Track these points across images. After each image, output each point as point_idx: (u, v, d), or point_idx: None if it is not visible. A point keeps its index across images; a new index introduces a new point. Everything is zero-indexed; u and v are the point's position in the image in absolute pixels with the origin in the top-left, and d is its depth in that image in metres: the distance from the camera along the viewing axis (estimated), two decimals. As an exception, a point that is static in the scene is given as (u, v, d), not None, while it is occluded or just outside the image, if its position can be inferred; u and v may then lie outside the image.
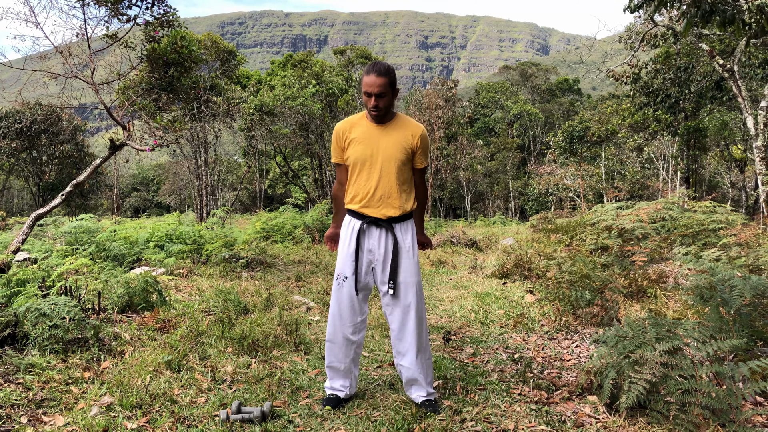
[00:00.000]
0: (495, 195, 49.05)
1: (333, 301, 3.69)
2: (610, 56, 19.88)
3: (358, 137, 3.60)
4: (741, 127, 25.37)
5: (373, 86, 3.43)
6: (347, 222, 3.70)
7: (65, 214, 29.46)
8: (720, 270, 4.70)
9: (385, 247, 3.61)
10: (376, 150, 3.57)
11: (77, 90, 9.83)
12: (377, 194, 3.58)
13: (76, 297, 5.43)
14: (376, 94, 3.45)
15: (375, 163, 3.57)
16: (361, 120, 3.65)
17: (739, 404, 3.03)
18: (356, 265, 3.60)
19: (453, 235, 14.87)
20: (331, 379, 3.78)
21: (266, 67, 58.20)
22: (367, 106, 3.53)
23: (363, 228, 3.61)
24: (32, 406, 3.41)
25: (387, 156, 3.57)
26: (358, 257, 3.61)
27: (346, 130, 3.64)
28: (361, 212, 3.62)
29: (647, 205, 10.12)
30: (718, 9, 5.71)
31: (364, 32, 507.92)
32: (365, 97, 3.50)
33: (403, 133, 3.61)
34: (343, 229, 3.72)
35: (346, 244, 3.65)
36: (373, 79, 3.43)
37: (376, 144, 3.58)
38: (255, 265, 9.78)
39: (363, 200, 3.60)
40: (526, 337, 5.49)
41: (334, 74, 33.81)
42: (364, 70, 3.53)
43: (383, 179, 3.58)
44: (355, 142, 3.60)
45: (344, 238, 3.68)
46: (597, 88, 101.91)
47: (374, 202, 3.59)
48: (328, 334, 3.75)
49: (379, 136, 3.59)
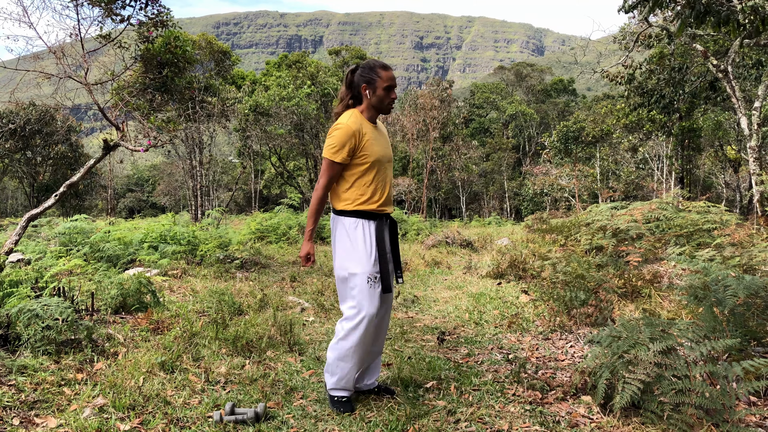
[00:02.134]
0: (490, 195, 49.12)
1: (369, 302, 3.50)
2: (605, 57, 19.92)
3: (371, 137, 3.55)
4: (735, 127, 25.44)
5: (393, 80, 3.54)
6: (354, 224, 3.55)
7: (60, 215, 29.40)
8: (714, 270, 4.71)
9: (391, 241, 3.72)
10: (387, 149, 3.67)
11: (71, 90, 9.78)
12: (389, 192, 3.68)
13: (69, 298, 5.40)
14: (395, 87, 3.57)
15: (389, 162, 3.67)
16: (363, 121, 3.58)
17: (733, 404, 3.03)
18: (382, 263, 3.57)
19: (448, 235, 14.87)
20: (358, 380, 3.79)
21: (261, 67, 58.18)
22: (384, 101, 3.55)
23: (382, 227, 3.60)
24: (24, 407, 3.39)
25: (390, 155, 3.70)
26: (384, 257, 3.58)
27: (361, 129, 3.52)
28: (377, 211, 3.59)
29: (642, 206, 10.15)
30: (712, 10, 5.72)
31: (360, 33, 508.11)
32: (383, 92, 3.53)
33: (386, 133, 3.80)
34: (351, 230, 3.56)
35: (366, 246, 3.52)
36: (393, 74, 3.56)
37: (384, 143, 3.66)
38: (249, 266, 9.76)
39: (381, 198, 3.60)
40: (520, 337, 5.49)
41: (329, 75, 33.83)
42: (377, 65, 3.56)
43: (389, 177, 3.68)
44: (370, 143, 3.53)
45: (362, 240, 3.53)
46: (592, 88, 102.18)
47: (388, 200, 3.67)
48: (363, 335, 3.54)
49: (380, 136, 3.66)
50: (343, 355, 3.58)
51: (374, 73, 3.52)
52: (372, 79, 3.53)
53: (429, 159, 35.54)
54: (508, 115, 55.44)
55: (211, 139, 28.55)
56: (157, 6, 9.98)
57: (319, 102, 31.87)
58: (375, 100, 3.55)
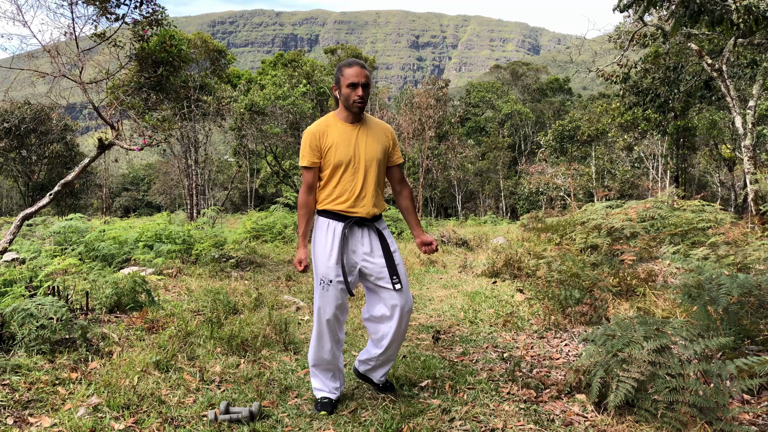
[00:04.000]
0: (486, 194, 49.13)
1: (318, 305, 3.59)
2: (600, 56, 19.94)
3: (336, 139, 3.56)
4: (730, 126, 25.51)
5: (360, 76, 3.47)
6: (324, 225, 3.61)
7: (55, 214, 29.31)
8: (708, 269, 4.72)
9: (371, 245, 3.61)
10: (358, 150, 3.58)
11: (66, 89, 9.76)
12: (362, 194, 3.58)
13: (63, 297, 5.39)
14: (363, 84, 3.49)
15: (358, 163, 3.57)
16: (335, 121, 3.61)
17: (727, 402, 3.04)
18: (342, 267, 3.55)
19: (444, 234, 14.88)
20: (323, 383, 3.72)
21: (257, 66, 58.08)
22: (349, 99, 3.51)
23: (345, 231, 3.57)
24: (18, 407, 3.38)
25: (369, 156, 3.60)
26: (343, 260, 3.56)
27: (323, 131, 3.57)
28: (346, 212, 3.58)
29: (637, 204, 10.17)
30: (706, 9, 5.73)
31: (356, 32, 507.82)
32: (348, 89, 3.49)
33: (379, 133, 3.68)
34: (319, 233, 3.62)
35: (327, 248, 3.57)
36: (359, 70, 3.48)
37: (355, 144, 3.58)
38: (245, 265, 9.75)
39: (349, 200, 3.57)
40: (515, 336, 5.49)
41: (324, 74, 33.79)
42: (342, 65, 3.54)
43: (367, 179, 3.59)
44: (334, 145, 3.55)
45: (324, 242, 3.58)
46: (587, 87, 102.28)
47: (360, 201, 3.58)
48: (315, 339, 3.66)
49: (357, 137, 3.59)
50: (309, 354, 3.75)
51: (339, 72, 3.54)
52: (338, 79, 3.55)
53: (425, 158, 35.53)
54: (504, 114, 55.46)
55: (206, 138, 28.48)
56: (152, 5, 9.97)
57: (315, 101, 31.82)
58: (342, 99, 3.55)
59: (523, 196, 41.29)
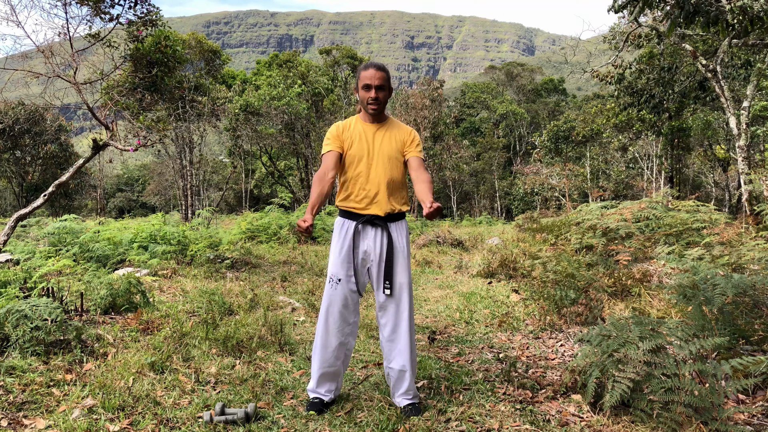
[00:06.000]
0: (481, 195, 49.23)
1: (325, 303, 3.61)
2: (595, 56, 20.00)
3: (354, 136, 3.66)
4: (724, 126, 25.61)
5: (373, 78, 3.53)
6: (340, 224, 3.67)
7: (49, 214, 29.20)
8: (703, 269, 4.73)
9: (381, 246, 3.62)
10: (372, 148, 3.63)
11: (60, 90, 9.72)
12: (375, 193, 3.61)
13: (58, 298, 5.37)
14: (376, 86, 3.54)
15: (372, 161, 3.62)
16: (357, 120, 3.73)
17: (722, 402, 3.04)
18: (353, 266, 3.59)
19: (439, 235, 14.88)
20: (318, 383, 3.70)
21: (252, 66, 58.07)
22: (364, 101, 3.58)
23: (358, 229, 3.61)
24: (13, 409, 3.37)
25: (384, 155, 3.63)
26: (354, 259, 3.60)
27: (347, 125, 3.71)
28: (358, 211, 3.62)
29: (631, 205, 10.19)
30: (701, 10, 5.75)
31: (351, 32, 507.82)
32: (363, 91, 3.57)
33: (398, 133, 3.70)
34: (335, 232, 3.69)
35: (339, 246, 3.62)
36: (374, 72, 3.54)
37: (371, 142, 3.64)
38: (240, 266, 9.73)
39: (362, 199, 3.61)
40: (511, 336, 5.50)
41: (320, 74, 33.77)
42: (361, 67, 3.61)
43: (381, 178, 3.61)
44: (352, 140, 3.65)
45: (337, 240, 3.65)
46: (582, 88, 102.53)
47: (373, 200, 3.61)
48: (319, 338, 3.65)
49: (374, 135, 3.66)
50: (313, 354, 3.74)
51: (357, 74, 3.65)
52: (356, 81, 3.66)
53: (420, 158, 35.56)
54: (499, 115, 55.58)
55: (201, 139, 28.46)
56: (147, 5, 9.95)
57: (310, 101, 31.80)
58: (360, 101, 3.65)
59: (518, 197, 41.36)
